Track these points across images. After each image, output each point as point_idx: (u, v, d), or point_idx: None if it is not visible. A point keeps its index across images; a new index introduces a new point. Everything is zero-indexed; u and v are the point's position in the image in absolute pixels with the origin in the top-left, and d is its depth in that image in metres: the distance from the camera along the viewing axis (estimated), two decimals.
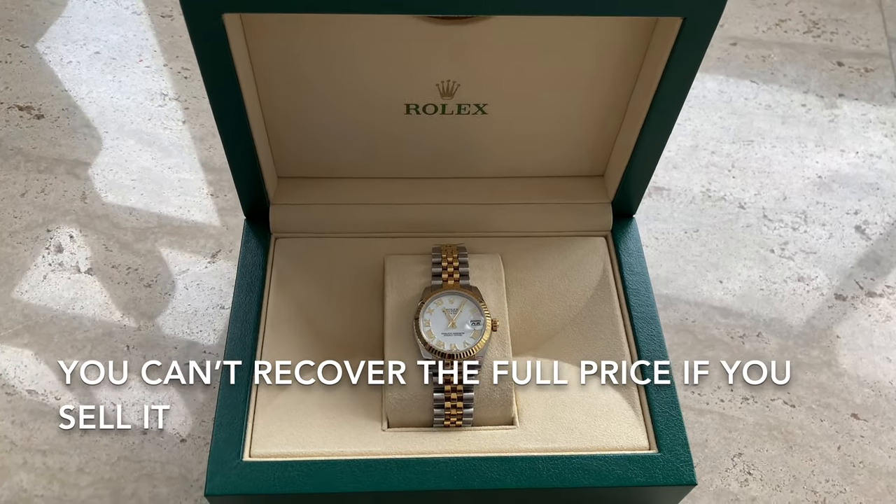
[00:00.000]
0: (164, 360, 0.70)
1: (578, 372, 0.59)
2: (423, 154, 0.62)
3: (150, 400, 0.66)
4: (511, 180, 0.66)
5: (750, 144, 0.88)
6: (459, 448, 0.53)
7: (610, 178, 0.66)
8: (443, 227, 0.64)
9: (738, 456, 0.66)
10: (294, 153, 0.63)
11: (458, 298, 0.57)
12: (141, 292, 0.74)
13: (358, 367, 0.58)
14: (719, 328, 0.74)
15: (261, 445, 0.53)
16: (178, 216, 0.79)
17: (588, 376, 0.58)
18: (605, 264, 0.63)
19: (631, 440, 0.54)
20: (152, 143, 0.84)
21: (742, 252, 0.79)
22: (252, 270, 0.62)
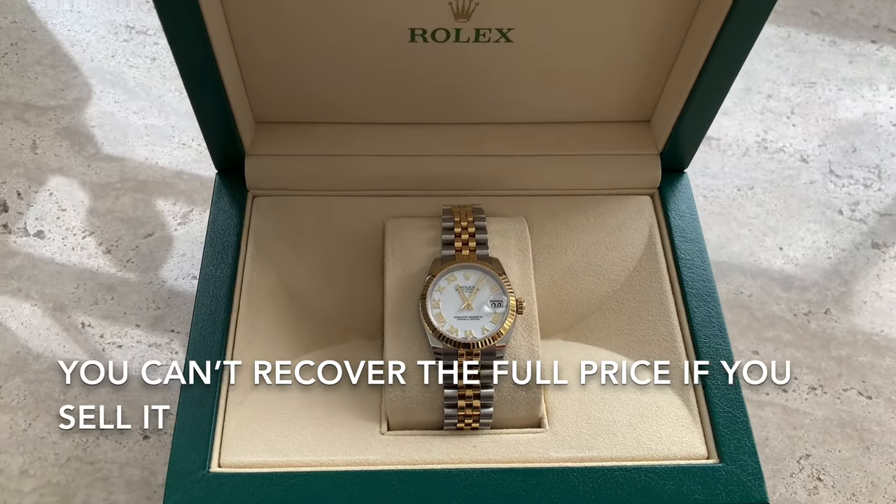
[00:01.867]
0: (124, 339, 0.62)
1: (619, 362, 0.53)
2: (431, 93, 0.57)
3: (108, 394, 0.59)
4: (539, 126, 0.59)
5: (812, 87, 0.83)
6: (476, 457, 0.47)
7: (659, 124, 0.59)
8: (456, 183, 0.58)
9: (805, 458, 0.60)
10: (274, 93, 0.56)
11: (474, 273, 0.51)
12: (99, 260, 0.68)
13: (354, 358, 0.53)
14: (780, 304, 0.68)
15: (232, 453, 0.47)
16: (144, 169, 0.74)
17: (631, 367, 0.52)
18: (651, 229, 0.57)
19: (686, 447, 0.48)
20: (115, 84, 0.79)
21: (805, 213, 0.74)
22: (224, 236, 0.56)
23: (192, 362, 0.50)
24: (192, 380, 0.49)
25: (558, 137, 0.59)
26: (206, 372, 0.50)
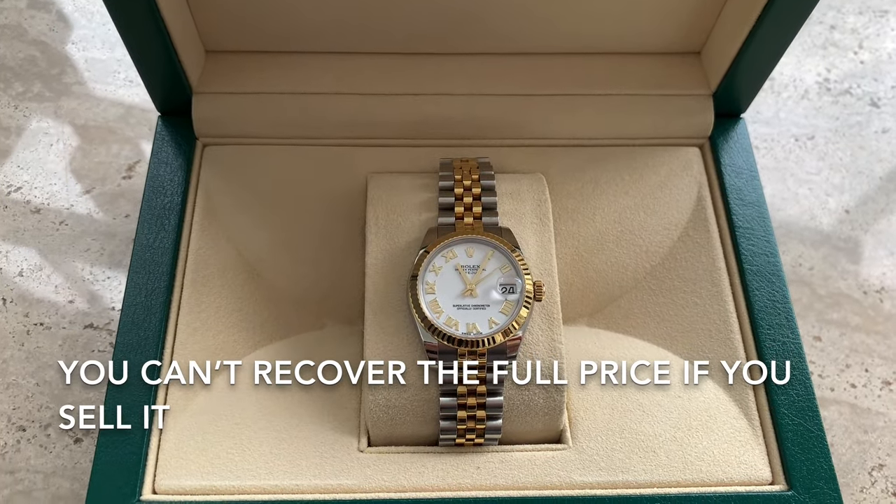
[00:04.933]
0: (53, 318, 0.55)
1: (660, 356, 0.47)
2: (428, 13, 0.50)
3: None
4: (562, 58, 0.53)
5: (884, 16, 0.74)
6: (479, 482, 0.42)
7: (712, 57, 0.52)
8: (456, 130, 0.52)
9: (878, 469, 0.53)
10: (228, 12, 0.50)
11: (479, 248, 0.43)
12: (26, 220, 0.59)
13: (328, 351, 0.47)
14: (847, 279, 0.60)
15: (170, 475, 0.41)
16: (82, 112, 0.65)
17: (674, 364, 0.46)
18: (700, 189, 0.52)
19: (745, 469, 0.43)
20: (49, 9, 0.71)
21: (876, 169, 0.66)
22: (165, 195, 0.49)
23: (122, 359, 0.43)
24: (122, 379, 0.42)
25: (586, 72, 0.53)
26: (138, 370, 0.42)
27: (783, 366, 0.44)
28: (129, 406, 0.41)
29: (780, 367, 0.44)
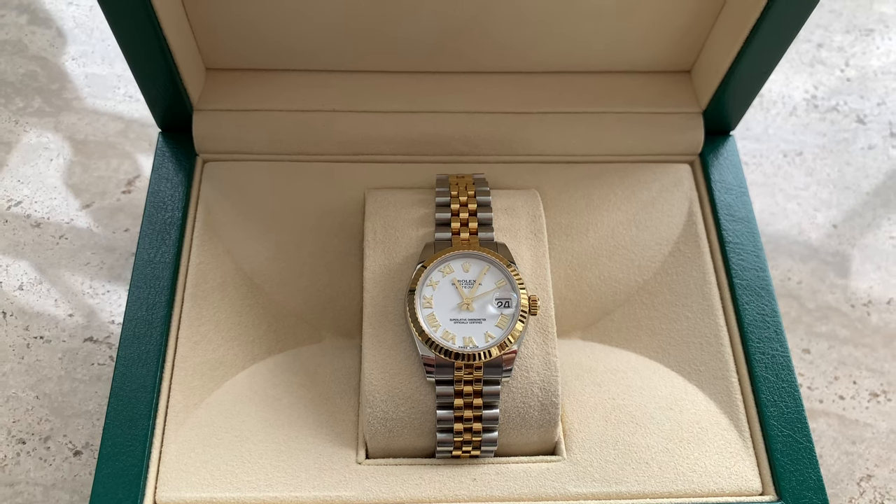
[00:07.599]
0: (52, 331, 0.55)
1: (652, 369, 0.48)
2: (424, 33, 0.51)
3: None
4: (556, 77, 0.54)
5: (870, 35, 0.75)
6: (476, 493, 0.42)
7: (702, 75, 0.53)
8: (452, 147, 0.53)
9: (866, 479, 0.54)
10: (229, 31, 0.50)
11: (475, 263, 0.44)
12: (26, 234, 0.59)
13: (327, 364, 0.47)
14: (835, 292, 0.60)
15: (171, 487, 0.41)
16: (82, 127, 0.65)
17: (666, 377, 0.47)
18: (691, 205, 0.52)
19: (736, 480, 0.43)
20: (50, 25, 0.71)
21: (863, 184, 0.66)
22: (166, 210, 0.49)
23: (124, 373, 0.43)
24: (125, 384, 0.43)
25: (579, 91, 0.53)
26: (140, 383, 0.43)
27: (771, 377, 0.44)
28: (129, 419, 0.41)
29: (768, 378, 0.44)
